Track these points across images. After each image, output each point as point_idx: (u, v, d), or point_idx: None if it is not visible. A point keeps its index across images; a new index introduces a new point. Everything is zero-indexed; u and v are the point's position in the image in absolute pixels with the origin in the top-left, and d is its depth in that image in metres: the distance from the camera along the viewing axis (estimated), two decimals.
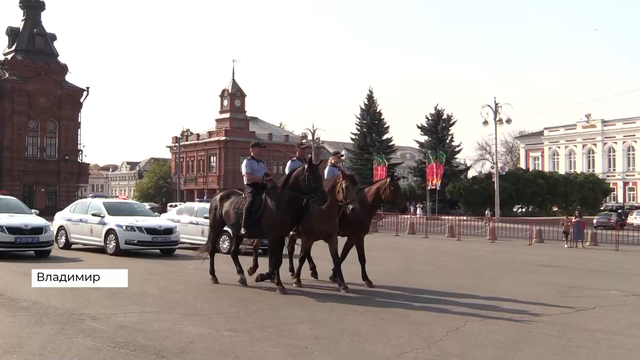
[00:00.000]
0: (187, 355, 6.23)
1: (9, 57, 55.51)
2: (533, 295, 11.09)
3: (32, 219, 15.90)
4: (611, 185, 72.68)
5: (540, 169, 76.43)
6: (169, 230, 16.97)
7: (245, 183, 11.15)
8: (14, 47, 56.15)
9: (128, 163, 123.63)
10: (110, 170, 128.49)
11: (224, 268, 12.06)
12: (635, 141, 76.39)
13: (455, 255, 20.51)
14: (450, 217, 39.10)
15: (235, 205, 11.01)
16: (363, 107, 70.91)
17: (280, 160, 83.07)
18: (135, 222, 16.72)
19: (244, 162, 11.35)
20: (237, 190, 12.06)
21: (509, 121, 42.41)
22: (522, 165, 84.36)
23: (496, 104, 41.96)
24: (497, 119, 42.08)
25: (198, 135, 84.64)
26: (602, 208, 62.26)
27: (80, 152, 58.63)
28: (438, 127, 64.94)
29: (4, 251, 14.81)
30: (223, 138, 78.06)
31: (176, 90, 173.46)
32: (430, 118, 66.26)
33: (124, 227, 16.47)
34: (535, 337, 7.52)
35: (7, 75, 54.40)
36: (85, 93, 57.85)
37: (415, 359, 6.37)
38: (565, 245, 26.88)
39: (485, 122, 42.40)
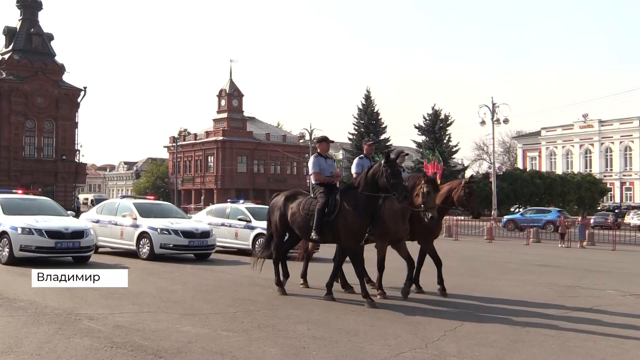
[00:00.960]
0: (184, 355, 6.23)
1: (6, 56, 55.34)
2: (530, 295, 11.12)
3: (72, 222, 14.76)
4: (608, 185, 72.87)
5: (537, 169, 76.59)
6: (206, 234, 16.05)
7: (313, 182, 10.25)
8: (11, 46, 56.02)
9: (125, 163, 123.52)
10: (108, 170, 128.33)
11: (221, 268, 12.05)
12: (633, 141, 76.54)
13: (453, 255, 20.51)
14: (447, 217, 39.09)
15: (303, 206, 9.92)
16: (360, 107, 70.96)
17: (277, 160, 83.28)
18: (170, 224, 15.79)
19: (312, 159, 10.26)
20: (301, 190, 11.20)
21: (506, 121, 42.48)
22: (520, 165, 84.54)
23: (493, 104, 42.04)
24: (495, 119, 42.15)
25: (195, 135, 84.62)
26: (599, 208, 62.38)
27: (77, 152, 58.50)
28: (435, 127, 64.99)
29: (43, 257, 13.63)
30: (220, 138, 78.06)
31: (174, 90, 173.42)
32: (427, 118, 66.29)
33: (158, 230, 15.53)
34: (532, 337, 7.53)
35: (4, 75, 54.24)
36: (82, 93, 57.72)
37: (413, 358, 6.37)
38: (560, 245, 26.98)
39: (483, 122, 42.48)
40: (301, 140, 64.19)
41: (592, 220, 42.96)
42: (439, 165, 50.43)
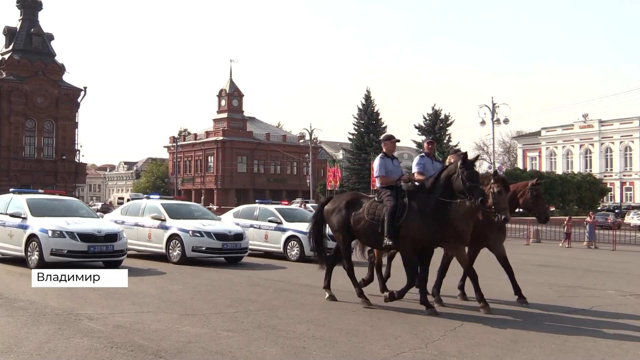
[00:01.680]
0: (184, 355, 6.23)
1: (6, 56, 55.40)
2: (530, 295, 11.08)
3: (104, 224, 13.89)
4: (608, 185, 72.90)
5: (537, 169, 76.63)
6: (239, 236, 15.25)
7: (378, 185, 9.41)
8: (11, 46, 56.06)
9: (125, 163, 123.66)
10: (108, 170, 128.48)
11: (221, 269, 12.03)
12: (633, 141, 76.54)
13: None
14: None
15: (368, 211, 9.13)
16: (360, 107, 70.93)
17: (277, 160, 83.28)
18: (202, 226, 15.00)
19: (377, 160, 9.46)
20: (362, 193, 10.38)
21: (506, 121, 42.40)
22: (520, 165, 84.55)
23: (494, 104, 41.97)
24: (495, 119, 42.07)
25: (195, 135, 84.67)
26: (599, 208, 62.39)
27: (77, 152, 58.57)
28: (435, 127, 64.97)
29: (75, 262, 12.50)
30: (220, 138, 78.10)
31: (174, 90, 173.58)
32: (427, 118, 66.29)
33: (190, 233, 14.73)
34: (532, 337, 7.53)
35: (4, 75, 54.29)
36: (82, 93, 57.80)
37: (413, 358, 6.37)
38: (560, 245, 26.98)
39: (483, 122, 42.38)
40: (301, 140, 64.18)
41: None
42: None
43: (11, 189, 15.66)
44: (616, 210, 57.49)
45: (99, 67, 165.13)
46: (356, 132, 70.63)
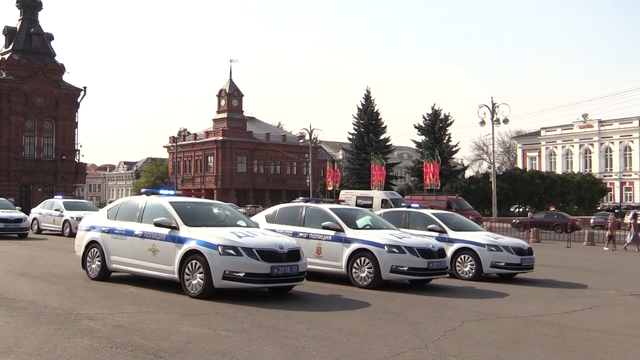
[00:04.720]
0: (184, 355, 6.23)
1: (6, 56, 55.37)
2: (530, 295, 11.12)
3: (279, 237, 10.55)
4: (608, 185, 72.99)
5: (537, 168, 76.73)
6: (442, 252, 11.96)
7: None
8: (10, 46, 56.05)
9: (125, 163, 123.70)
10: (108, 170, 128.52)
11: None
12: (632, 141, 76.66)
13: None
14: None
15: None
16: (360, 107, 70.83)
17: (277, 160, 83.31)
18: (399, 239, 11.59)
19: None
20: None
21: (506, 121, 42.35)
22: (520, 165, 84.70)
23: (493, 104, 41.93)
24: (495, 119, 42.03)
25: (195, 135, 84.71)
26: (599, 208, 62.43)
27: (77, 152, 58.55)
28: (435, 127, 64.85)
29: (253, 288, 9.94)
30: (220, 138, 78.14)
31: (174, 90, 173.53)
32: (427, 118, 66.17)
33: (385, 248, 11.31)
34: (532, 337, 7.53)
35: (4, 75, 54.27)
36: (82, 93, 57.78)
37: (413, 358, 6.37)
38: (605, 248, 26.10)
39: (483, 122, 42.34)
40: (301, 140, 64.12)
41: (592, 220, 43.08)
42: (438, 164, 50.58)
43: (143, 190, 12.82)
44: (616, 210, 57.52)
45: (99, 67, 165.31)
46: (356, 132, 70.51)
